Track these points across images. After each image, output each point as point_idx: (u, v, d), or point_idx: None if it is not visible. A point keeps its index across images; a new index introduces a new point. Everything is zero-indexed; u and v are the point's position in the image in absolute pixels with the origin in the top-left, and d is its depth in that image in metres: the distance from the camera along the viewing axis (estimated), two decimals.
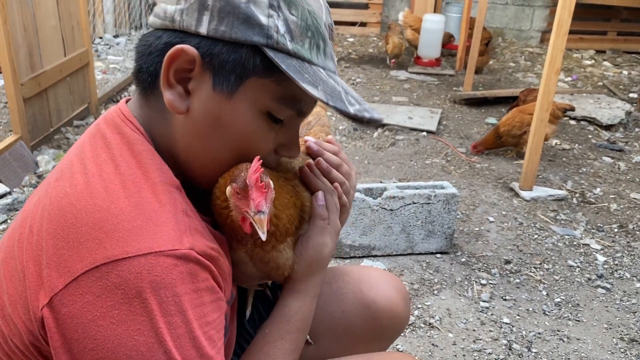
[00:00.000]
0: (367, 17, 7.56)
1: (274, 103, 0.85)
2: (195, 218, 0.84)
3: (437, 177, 3.69)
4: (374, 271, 1.40)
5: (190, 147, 0.88)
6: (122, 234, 0.74)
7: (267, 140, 0.90)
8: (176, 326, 0.75)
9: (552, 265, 2.81)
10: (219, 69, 0.81)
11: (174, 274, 0.75)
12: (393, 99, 5.20)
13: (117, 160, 0.81)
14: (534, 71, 6.35)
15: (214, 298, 0.82)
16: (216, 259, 0.83)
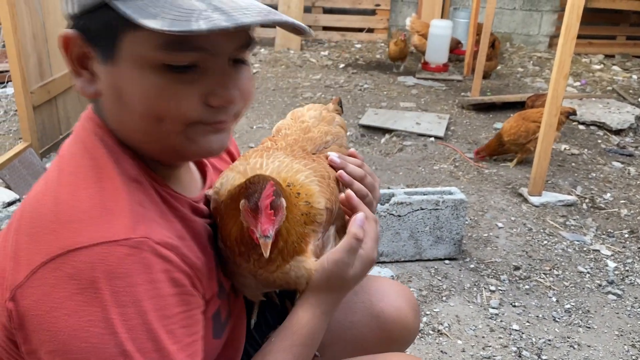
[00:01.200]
0: (375, 23, 7.57)
1: (160, 52, 0.76)
2: (153, 210, 0.83)
3: (445, 182, 3.67)
4: (383, 281, 1.39)
5: (120, 128, 0.86)
6: (77, 224, 0.75)
7: (181, 95, 0.79)
8: (130, 317, 0.73)
9: (562, 271, 2.78)
10: (95, 40, 0.79)
11: (127, 264, 0.74)
12: (401, 104, 5.20)
13: (82, 165, 0.83)
14: (542, 76, 6.32)
15: (176, 291, 0.79)
16: (178, 247, 0.81)
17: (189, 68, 0.79)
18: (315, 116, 1.20)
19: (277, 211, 0.85)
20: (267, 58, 6.66)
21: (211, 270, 0.92)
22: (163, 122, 0.81)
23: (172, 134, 0.82)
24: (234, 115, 0.89)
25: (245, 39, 0.84)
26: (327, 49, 7.14)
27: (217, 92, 0.82)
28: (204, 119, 0.83)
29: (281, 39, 7.04)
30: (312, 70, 6.25)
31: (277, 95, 5.39)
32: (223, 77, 0.82)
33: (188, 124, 0.82)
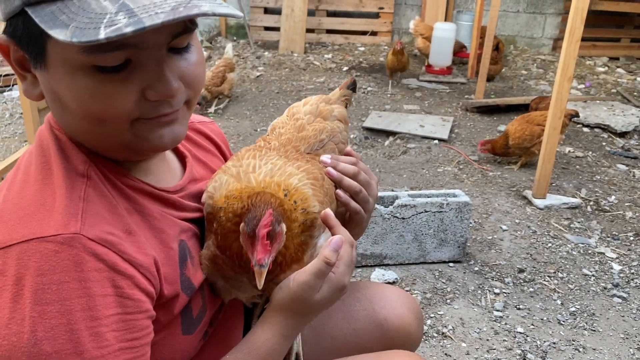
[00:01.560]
0: (378, 26, 7.58)
1: (85, 55, 0.74)
2: (100, 204, 0.81)
3: (449, 185, 3.67)
4: (386, 288, 1.39)
5: (69, 130, 0.86)
6: (14, 221, 0.76)
7: (116, 94, 0.77)
8: (51, 316, 0.71)
9: (566, 274, 2.77)
10: (23, 46, 0.78)
11: (54, 261, 0.73)
12: (404, 107, 5.20)
13: (33, 163, 0.84)
14: (546, 79, 6.31)
15: (109, 292, 0.76)
16: (119, 244, 0.78)
17: (120, 66, 0.76)
18: (311, 111, 1.17)
19: (275, 239, 0.85)
20: (271, 61, 6.67)
21: (172, 266, 0.89)
22: (105, 123, 0.80)
23: (118, 133, 0.81)
24: (186, 104, 0.87)
25: (181, 27, 0.80)
26: (331, 52, 7.14)
27: (154, 85, 0.79)
28: (146, 114, 0.81)
29: (285, 42, 7.05)
30: (315, 73, 6.26)
31: (280, 98, 5.40)
32: (159, 70, 0.79)
33: (131, 121, 0.81)
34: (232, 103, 5.19)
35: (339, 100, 1.25)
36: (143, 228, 0.87)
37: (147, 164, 0.95)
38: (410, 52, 7.11)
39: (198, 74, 0.86)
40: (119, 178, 0.88)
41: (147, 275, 0.81)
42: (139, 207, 0.88)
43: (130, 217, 0.85)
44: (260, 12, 7.56)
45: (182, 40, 0.82)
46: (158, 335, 0.87)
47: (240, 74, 6.04)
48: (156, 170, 0.97)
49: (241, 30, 7.71)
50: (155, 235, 0.89)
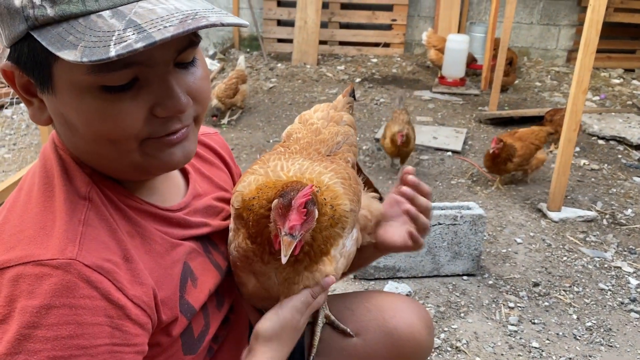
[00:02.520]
0: (391, 38, 7.59)
1: (92, 75, 0.73)
2: (100, 228, 0.80)
3: (463, 197, 3.65)
4: (396, 298, 1.38)
5: (77, 153, 0.86)
6: (13, 242, 0.76)
7: (124, 114, 0.77)
8: (35, 340, 0.70)
9: (582, 288, 2.74)
10: (29, 71, 0.78)
11: (46, 285, 0.72)
12: (417, 118, 5.19)
13: (36, 184, 0.84)
14: (560, 90, 6.28)
15: (101, 322, 0.74)
16: (114, 272, 0.77)
17: (128, 84, 0.76)
18: (323, 117, 1.20)
19: (309, 215, 0.84)
20: (284, 72, 6.70)
21: (171, 290, 0.88)
22: (115, 144, 0.79)
23: (128, 153, 0.81)
24: (195, 119, 0.86)
25: (186, 42, 0.79)
26: (343, 64, 7.16)
27: (162, 102, 0.78)
28: (156, 133, 0.80)
29: (298, 54, 7.08)
30: (328, 85, 6.28)
31: (293, 109, 5.41)
32: (167, 86, 0.78)
33: (140, 140, 0.80)
34: (245, 114, 5.22)
35: (344, 108, 1.28)
36: (143, 253, 0.86)
37: (152, 183, 0.95)
38: (423, 64, 7.12)
39: (204, 88, 0.86)
40: (122, 199, 0.87)
41: (142, 305, 0.80)
42: (141, 230, 0.88)
43: (132, 240, 0.85)
44: (274, 25, 7.61)
45: (188, 54, 0.81)
46: (159, 357, 0.87)
47: (253, 86, 6.08)
48: (161, 188, 0.97)
49: (254, 42, 7.76)
50: (155, 260, 0.88)
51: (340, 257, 1.02)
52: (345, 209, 0.98)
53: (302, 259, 0.93)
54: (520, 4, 7.21)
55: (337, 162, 1.08)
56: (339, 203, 0.97)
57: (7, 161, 3.97)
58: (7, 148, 4.23)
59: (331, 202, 0.96)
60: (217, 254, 1.05)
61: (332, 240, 0.97)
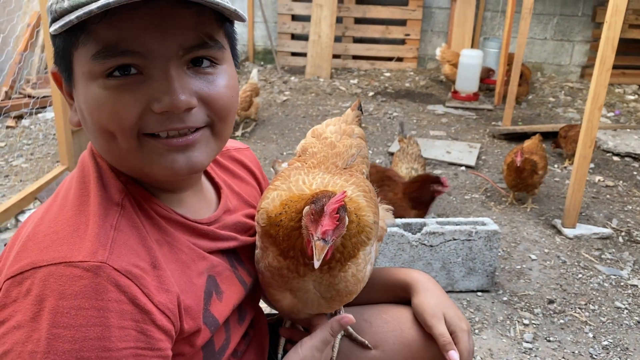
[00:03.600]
0: (404, 52, 7.63)
1: (93, 63, 0.77)
2: (130, 234, 0.81)
3: (476, 212, 3.63)
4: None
5: (98, 151, 0.89)
6: (47, 243, 0.77)
7: (122, 104, 0.78)
8: (65, 340, 0.71)
9: (598, 306, 2.71)
10: (61, 69, 0.84)
11: (77, 286, 0.73)
12: (430, 133, 5.19)
13: (72, 189, 0.86)
14: (574, 106, 6.25)
15: (127, 325, 0.75)
16: (142, 278, 0.78)
17: (129, 74, 0.77)
18: (336, 131, 1.22)
19: (341, 221, 0.85)
20: (297, 86, 6.75)
21: (195, 301, 0.89)
22: (116, 138, 0.80)
23: (129, 152, 0.81)
24: (212, 130, 0.85)
25: (196, 40, 0.79)
26: (357, 77, 7.20)
27: (158, 96, 0.78)
28: (153, 128, 0.80)
29: (311, 68, 7.13)
30: (341, 98, 6.31)
31: (306, 122, 5.44)
32: (166, 81, 0.78)
33: (138, 136, 0.80)
34: (258, 127, 5.25)
35: (354, 121, 1.30)
36: (170, 261, 0.87)
37: (181, 196, 0.96)
38: (436, 78, 7.13)
39: (222, 97, 0.84)
40: (153, 208, 0.89)
41: (167, 312, 0.80)
42: (169, 239, 0.89)
43: (160, 248, 0.86)
44: (288, 38, 7.68)
45: (196, 53, 0.81)
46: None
47: (267, 99, 6.12)
48: (190, 202, 0.98)
49: (268, 56, 7.83)
50: (182, 269, 0.88)
51: (367, 265, 1.04)
52: (370, 221, 0.99)
53: (335, 266, 0.94)
54: (534, 20, 7.22)
55: (356, 175, 1.10)
56: (363, 214, 0.98)
57: (25, 171, 4.02)
58: (25, 158, 4.29)
59: (355, 212, 0.97)
60: (243, 269, 1.06)
61: (360, 245, 0.98)
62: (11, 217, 3.15)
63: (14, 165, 4.17)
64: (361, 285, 1.04)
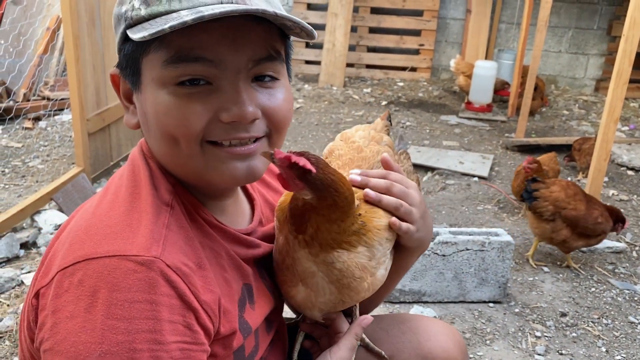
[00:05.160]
0: (418, 62, 7.64)
1: (166, 69, 0.80)
2: (178, 234, 0.83)
3: (489, 224, 3.62)
4: (432, 322, 1.37)
5: (155, 155, 0.91)
6: (100, 236, 0.79)
7: (190, 112, 0.81)
8: (118, 332, 0.73)
9: (611, 320, 2.69)
10: (126, 72, 0.86)
11: (131, 279, 0.75)
12: (443, 143, 5.19)
13: (124, 185, 0.88)
14: (588, 119, 6.23)
15: (175, 319, 0.77)
16: (190, 276, 0.80)
17: (199, 84, 0.81)
18: (364, 136, 1.22)
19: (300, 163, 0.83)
20: (311, 94, 6.77)
21: (232, 305, 0.91)
22: (179, 144, 0.83)
23: (191, 158, 0.84)
24: (269, 140, 0.88)
25: (264, 53, 0.83)
26: (370, 87, 7.22)
27: (228, 107, 0.82)
28: (218, 136, 0.83)
29: (325, 76, 7.16)
30: (354, 107, 6.32)
31: (319, 130, 5.46)
32: (235, 93, 0.82)
33: (201, 143, 0.83)
34: None
35: (383, 130, 1.30)
36: (213, 264, 0.89)
37: (223, 204, 0.99)
38: (449, 89, 7.14)
39: (281, 110, 0.88)
40: (198, 212, 0.91)
41: (209, 312, 0.83)
42: (211, 243, 0.91)
43: (203, 251, 0.88)
44: (302, 46, 7.72)
45: (265, 67, 0.84)
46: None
47: None
48: (229, 211, 1.01)
49: None
50: (222, 273, 0.91)
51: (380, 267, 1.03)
52: (381, 224, 1.00)
53: (311, 243, 0.94)
54: (549, 33, 7.21)
55: None
56: (374, 217, 1.00)
57: (41, 172, 4.06)
58: (41, 159, 4.34)
59: (366, 215, 0.98)
60: (270, 281, 1.08)
61: (347, 245, 0.97)
62: (27, 217, 3.19)
63: (31, 166, 4.23)
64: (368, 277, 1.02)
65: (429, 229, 1.13)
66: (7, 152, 4.45)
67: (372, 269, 1.01)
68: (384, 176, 1.06)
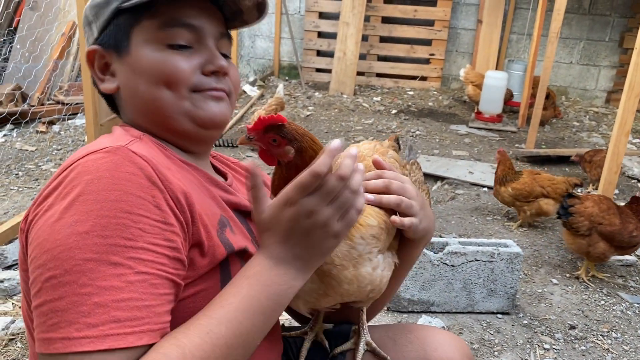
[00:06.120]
0: (428, 71, 7.66)
1: (159, 32, 0.99)
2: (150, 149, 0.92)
3: (498, 234, 3.62)
4: (438, 332, 1.38)
5: (137, 107, 1.03)
6: (84, 149, 0.87)
7: (182, 64, 0.99)
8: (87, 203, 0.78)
9: (620, 334, 2.68)
10: (114, 42, 1.02)
11: (99, 163, 0.81)
12: (453, 152, 5.20)
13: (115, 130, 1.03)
14: (599, 131, 6.21)
15: (143, 195, 0.80)
16: (157, 164, 0.84)
17: (185, 47, 1.00)
18: (369, 148, 1.24)
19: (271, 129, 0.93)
20: (321, 101, 6.81)
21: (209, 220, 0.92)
22: (170, 87, 0.99)
23: (180, 100, 1.00)
24: (229, 94, 1.06)
25: (224, 28, 1.06)
26: (380, 95, 7.24)
27: (210, 61, 1.02)
28: (202, 84, 1.01)
29: (335, 84, 7.20)
30: (364, 115, 6.35)
31: (329, 137, 5.48)
32: (214, 52, 1.03)
33: (191, 89, 1.00)
34: None
35: (389, 147, 1.31)
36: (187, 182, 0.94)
37: (196, 162, 1.06)
38: (460, 98, 7.15)
39: (235, 76, 1.09)
40: (172, 153, 1.00)
41: (175, 202, 0.84)
42: (185, 172, 0.97)
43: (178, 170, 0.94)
44: (313, 55, 7.77)
45: (224, 44, 1.06)
46: (198, 285, 0.90)
47: (290, 113, 6.18)
48: (204, 166, 1.09)
49: (293, 71, 7.92)
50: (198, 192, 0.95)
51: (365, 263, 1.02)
52: (367, 221, 1.01)
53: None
54: (560, 44, 7.21)
55: None
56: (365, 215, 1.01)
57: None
58: (54, 163, 4.39)
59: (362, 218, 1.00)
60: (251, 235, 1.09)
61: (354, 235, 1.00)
62: None
63: (44, 169, 4.28)
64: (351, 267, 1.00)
65: (430, 218, 1.14)
66: (22, 155, 4.51)
67: (353, 260, 1.00)
68: (380, 175, 1.08)
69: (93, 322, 0.73)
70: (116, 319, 0.74)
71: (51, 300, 0.75)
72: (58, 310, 0.74)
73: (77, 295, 0.74)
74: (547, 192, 3.63)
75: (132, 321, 0.75)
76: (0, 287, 2.67)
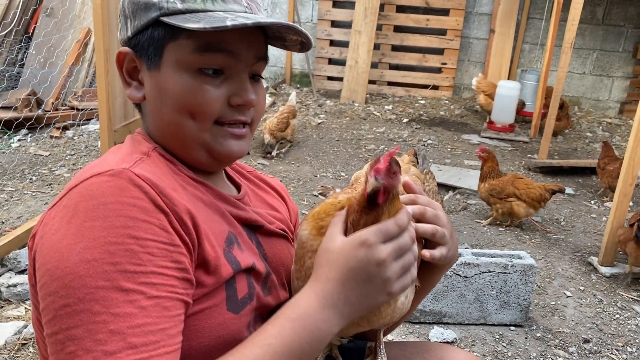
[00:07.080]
0: (440, 81, 7.65)
1: (194, 55, 0.94)
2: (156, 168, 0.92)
3: (510, 245, 3.60)
4: (456, 352, 1.36)
5: (157, 125, 1.01)
6: (89, 168, 0.87)
7: (210, 95, 0.95)
8: (94, 229, 0.78)
9: (636, 348, 2.64)
10: (145, 52, 0.98)
11: (103, 187, 0.81)
12: (465, 162, 5.18)
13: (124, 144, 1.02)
14: (612, 142, 6.16)
15: (148, 219, 0.81)
16: (160, 187, 0.84)
17: (217, 73, 0.96)
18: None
19: (393, 171, 0.84)
20: (333, 110, 6.81)
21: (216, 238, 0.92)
22: (194, 118, 0.96)
23: (201, 131, 0.97)
24: (250, 123, 1.03)
25: (262, 52, 1.01)
26: (391, 104, 7.24)
27: (238, 93, 0.98)
28: (227, 117, 0.98)
29: (347, 92, 7.21)
30: (375, 123, 6.34)
31: (340, 145, 5.48)
32: (243, 82, 0.99)
33: (214, 121, 0.97)
34: (293, 148, 5.31)
35: (409, 164, 1.30)
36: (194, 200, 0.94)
37: (210, 177, 1.06)
38: (471, 108, 7.13)
39: (262, 104, 1.05)
40: (179, 168, 0.99)
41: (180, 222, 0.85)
42: (193, 190, 0.97)
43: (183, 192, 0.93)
44: (325, 63, 7.78)
45: (260, 66, 1.02)
46: (203, 303, 0.89)
47: (302, 121, 6.19)
48: (218, 182, 1.08)
49: (305, 79, 7.94)
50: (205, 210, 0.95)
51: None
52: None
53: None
54: (573, 54, 7.18)
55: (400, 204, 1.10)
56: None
57: (67, 180, 4.14)
58: (67, 168, 4.42)
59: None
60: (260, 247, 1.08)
61: None
62: None
63: (57, 174, 4.31)
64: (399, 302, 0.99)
65: (456, 245, 1.11)
66: (36, 160, 4.55)
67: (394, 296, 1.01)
68: (414, 200, 1.05)
69: (110, 350, 0.74)
70: (132, 345, 0.75)
71: (67, 328, 0.76)
72: (74, 338, 0.75)
73: (93, 324, 0.75)
74: (519, 194, 3.73)
75: (148, 346, 0.76)
76: (13, 291, 2.69)
